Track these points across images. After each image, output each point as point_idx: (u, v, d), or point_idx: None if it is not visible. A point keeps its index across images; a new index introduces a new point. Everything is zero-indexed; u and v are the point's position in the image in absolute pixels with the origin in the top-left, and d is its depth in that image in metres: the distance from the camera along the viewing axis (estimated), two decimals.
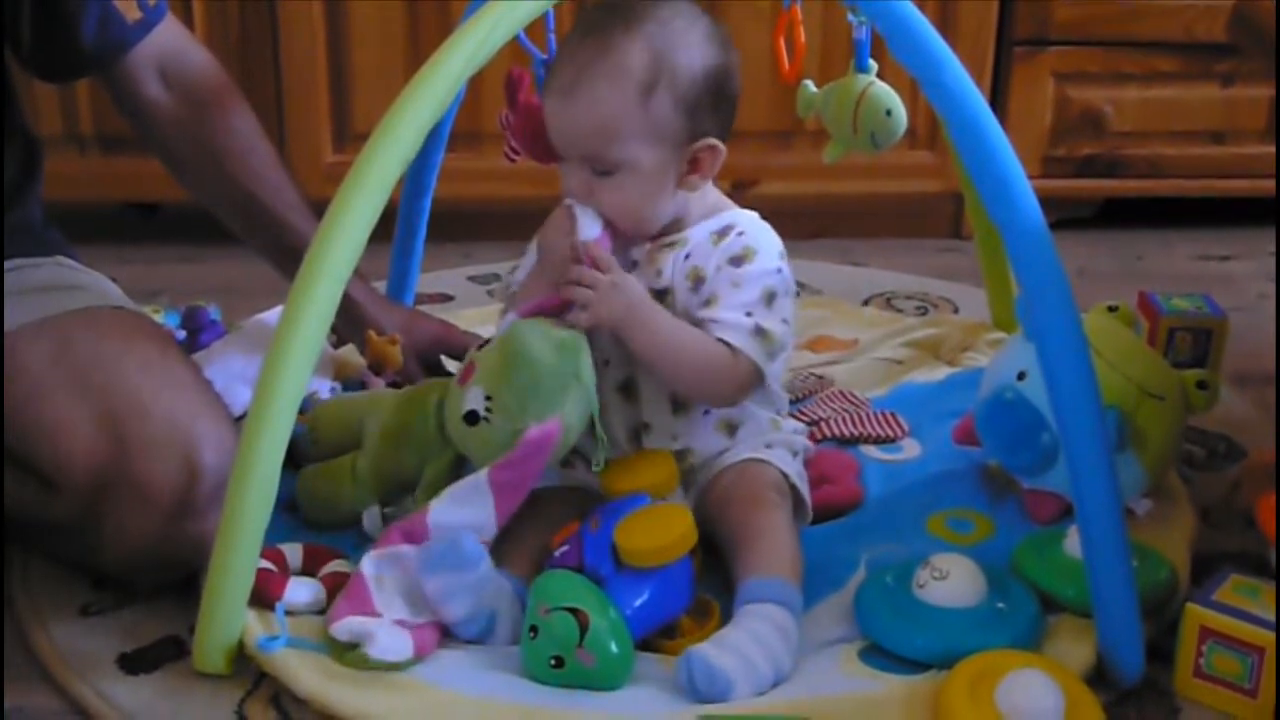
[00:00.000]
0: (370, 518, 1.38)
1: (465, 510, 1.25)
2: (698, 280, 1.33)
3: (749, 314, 1.30)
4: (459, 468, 1.33)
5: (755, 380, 1.32)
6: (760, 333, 1.30)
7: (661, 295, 1.33)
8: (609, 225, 1.31)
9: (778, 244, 1.35)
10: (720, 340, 1.30)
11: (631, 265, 1.34)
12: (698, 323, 1.31)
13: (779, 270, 1.33)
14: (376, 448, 1.39)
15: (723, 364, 1.30)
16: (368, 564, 1.23)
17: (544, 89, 1.32)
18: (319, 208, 1.22)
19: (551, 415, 1.24)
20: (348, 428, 1.44)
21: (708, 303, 1.32)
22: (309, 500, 1.42)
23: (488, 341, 1.30)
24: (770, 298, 1.32)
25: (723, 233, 1.34)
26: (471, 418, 1.26)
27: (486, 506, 1.24)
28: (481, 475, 1.25)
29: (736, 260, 1.32)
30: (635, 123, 1.27)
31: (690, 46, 1.29)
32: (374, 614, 1.19)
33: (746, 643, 1.16)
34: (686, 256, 1.34)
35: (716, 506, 1.34)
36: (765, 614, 1.19)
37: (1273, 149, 2.31)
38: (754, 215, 1.37)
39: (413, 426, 1.38)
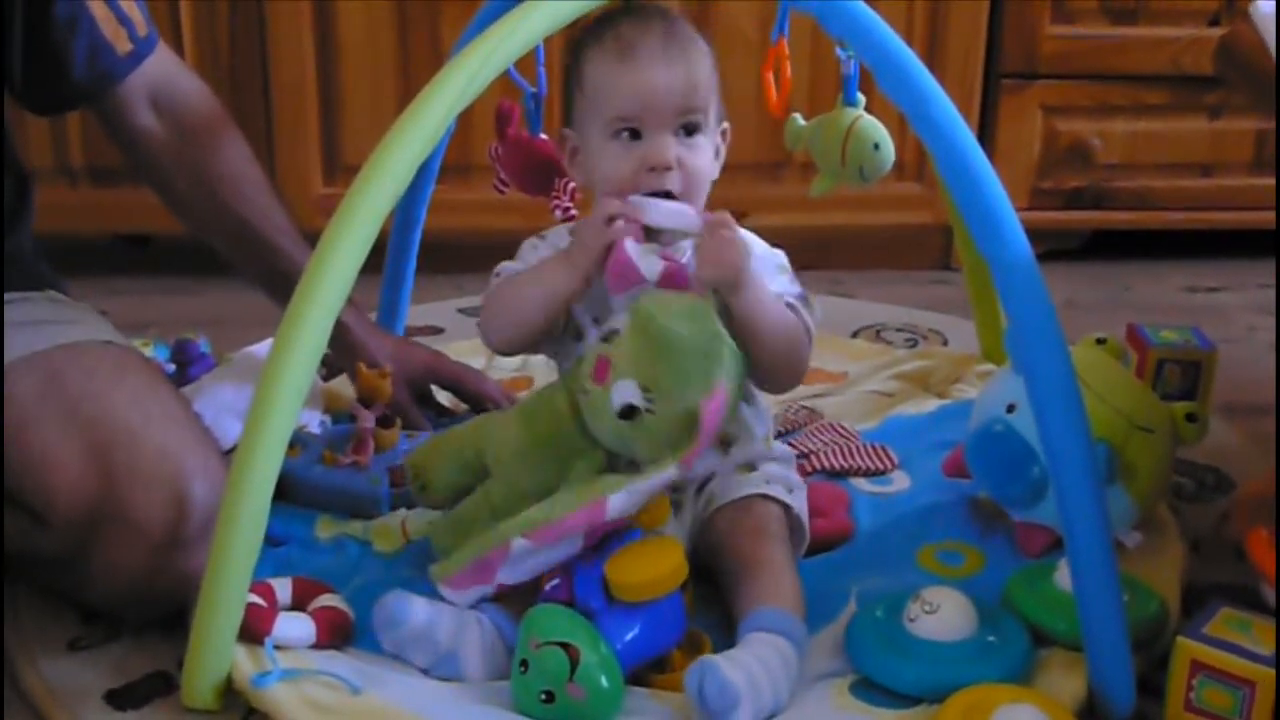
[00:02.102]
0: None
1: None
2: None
3: (786, 287, 1.35)
4: (609, 465, 1.30)
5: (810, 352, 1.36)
6: (807, 301, 1.36)
7: None
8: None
9: (753, 235, 1.39)
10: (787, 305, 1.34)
11: None
12: None
13: (778, 253, 1.38)
14: (513, 469, 1.33)
15: (800, 328, 1.34)
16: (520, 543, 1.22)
17: (610, 70, 1.33)
18: (309, 239, 1.22)
19: (715, 384, 1.22)
20: (460, 464, 1.39)
21: None
22: (459, 550, 1.31)
23: (611, 334, 1.27)
24: (784, 271, 1.37)
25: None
26: (629, 412, 1.23)
27: None
28: (670, 469, 1.21)
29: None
30: (712, 86, 1.34)
31: (700, 39, 1.37)
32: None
33: (755, 665, 1.16)
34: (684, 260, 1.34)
35: (718, 535, 1.34)
36: (772, 643, 1.19)
37: (1260, 181, 2.32)
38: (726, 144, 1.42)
39: (549, 436, 1.31)
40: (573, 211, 1.48)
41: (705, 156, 1.34)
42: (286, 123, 2.19)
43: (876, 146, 1.49)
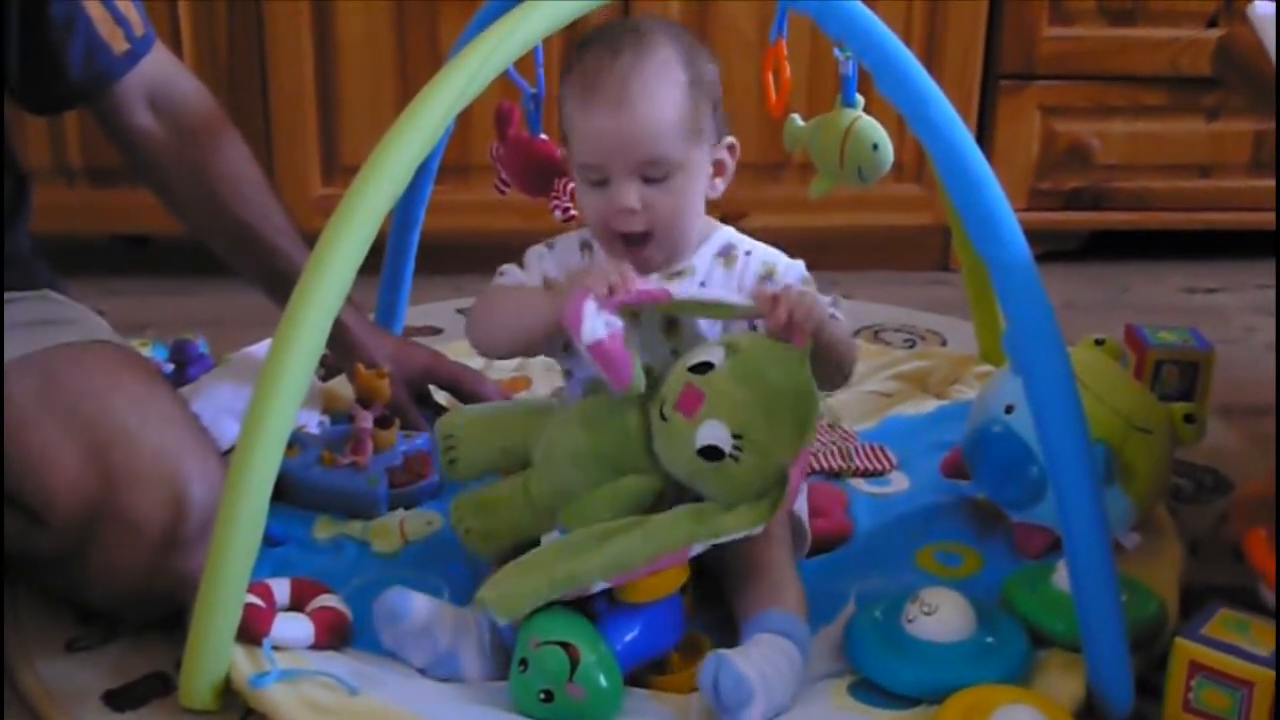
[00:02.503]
0: (549, 540, 1.27)
1: None
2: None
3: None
4: (670, 495, 1.26)
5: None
6: (837, 303, 1.34)
7: (674, 324, 1.33)
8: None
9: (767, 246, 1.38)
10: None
11: None
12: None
13: (797, 264, 1.37)
14: (564, 471, 1.28)
15: (850, 335, 1.33)
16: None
17: (574, 112, 1.29)
18: (307, 240, 1.22)
19: (804, 445, 1.21)
20: (500, 449, 1.34)
21: (773, 275, 1.33)
22: (479, 533, 1.32)
23: (705, 366, 1.22)
24: (809, 284, 1.35)
25: (726, 254, 1.36)
26: (713, 454, 1.19)
27: None
28: (756, 528, 1.19)
29: (765, 278, 1.34)
30: (687, 120, 1.28)
31: (698, 50, 1.32)
32: None
33: (766, 665, 1.16)
34: (701, 285, 1.34)
35: None
36: (778, 645, 1.19)
37: (1258, 182, 2.33)
38: (732, 230, 1.39)
39: (611, 449, 1.26)
40: (573, 212, 1.48)
41: (679, 196, 1.30)
42: (285, 123, 2.19)
43: (875, 147, 1.49)
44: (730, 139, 1.34)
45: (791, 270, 1.36)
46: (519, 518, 1.30)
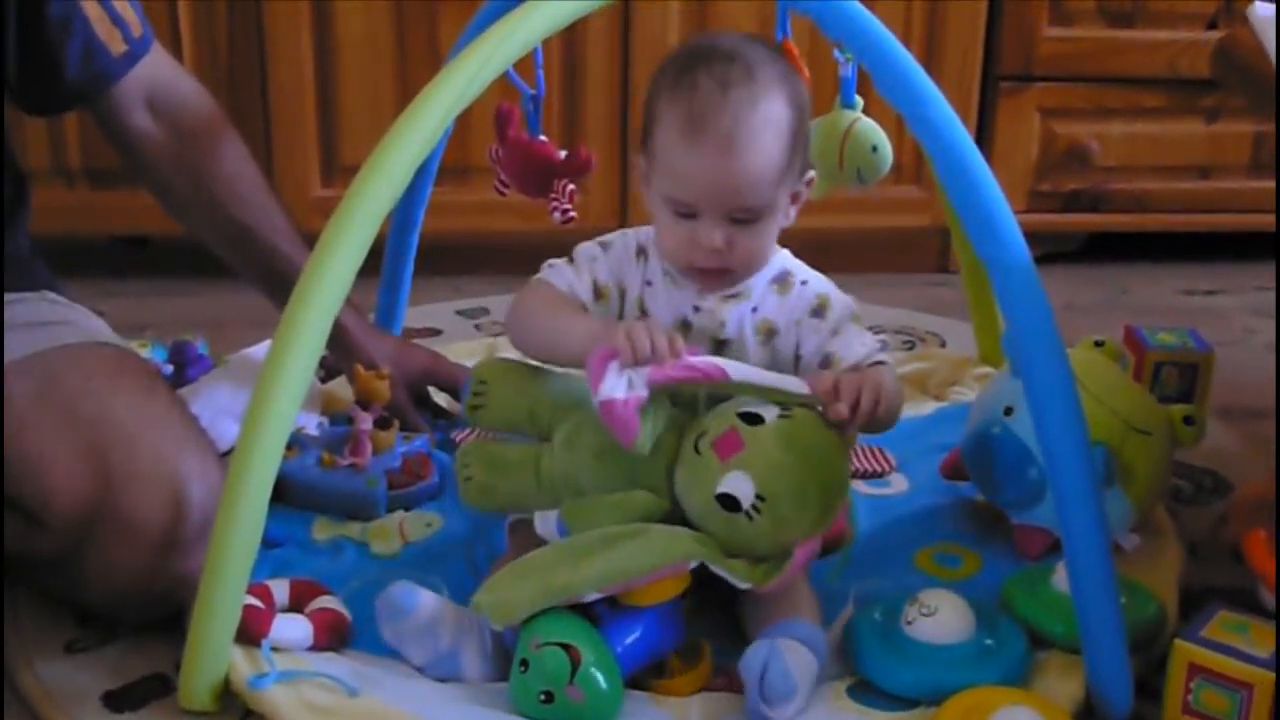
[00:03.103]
0: (544, 522, 1.27)
1: None
2: (770, 334, 1.34)
3: (863, 344, 1.33)
4: (670, 517, 1.25)
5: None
6: (882, 344, 1.35)
7: (723, 345, 1.33)
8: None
9: (822, 276, 1.38)
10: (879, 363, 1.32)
11: (694, 310, 1.33)
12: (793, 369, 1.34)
13: (848, 299, 1.36)
14: (581, 463, 1.26)
15: (891, 378, 1.31)
16: None
17: (673, 145, 1.26)
18: (307, 241, 1.22)
19: (818, 532, 1.20)
20: (529, 414, 1.30)
21: (827, 364, 1.32)
22: (481, 486, 1.31)
23: (755, 418, 1.21)
24: (857, 320, 1.35)
25: (782, 281, 1.35)
26: (730, 504, 1.19)
27: None
28: (745, 585, 1.20)
29: (818, 311, 1.34)
30: (785, 168, 1.27)
31: (796, 82, 1.30)
32: None
33: (803, 669, 1.17)
34: (754, 310, 1.34)
35: None
36: (804, 655, 1.19)
37: (1257, 184, 2.33)
38: (788, 255, 1.37)
39: (635, 459, 1.23)
40: (572, 213, 1.48)
41: (764, 236, 1.30)
42: (284, 124, 2.19)
43: (875, 149, 1.50)
44: (811, 173, 1.33)
45: (843, 307, 1.35)
46: (522, 487, 1.29)
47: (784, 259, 1.37)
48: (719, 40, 1.30)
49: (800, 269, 1.37)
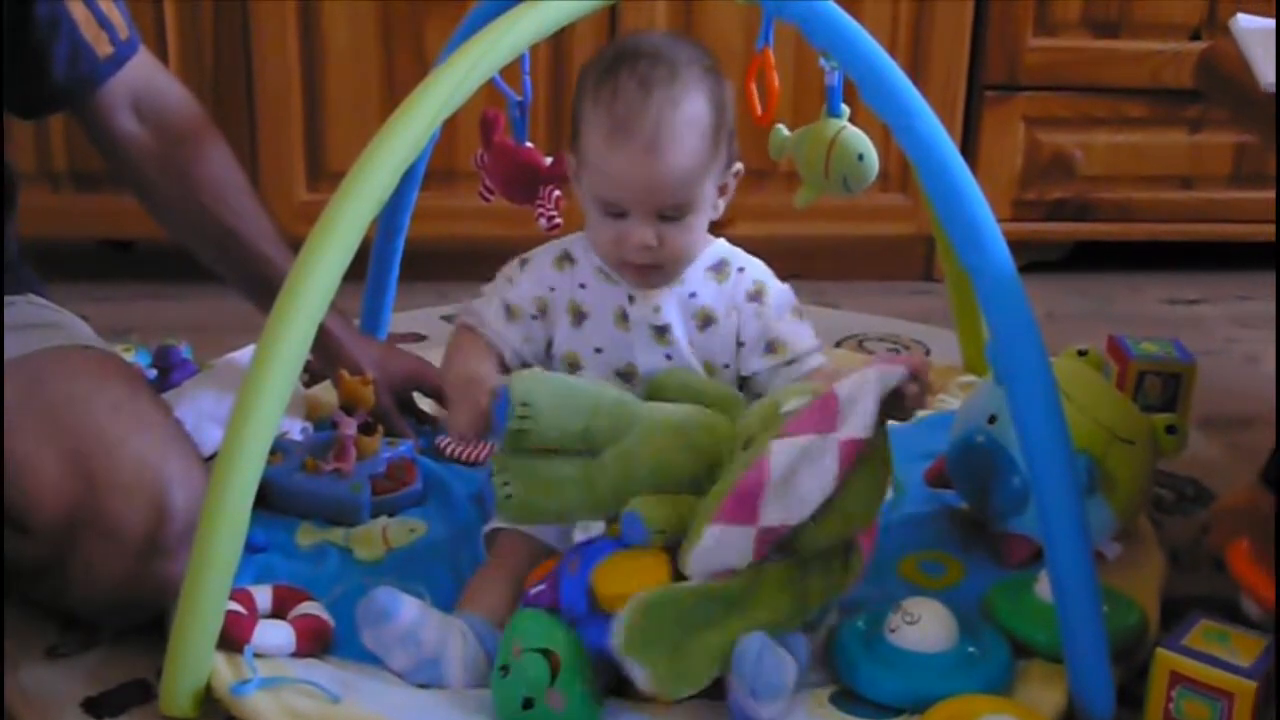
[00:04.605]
0: (587, 534, 1.28)
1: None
2: (707, 320, 1.37)
3: (809, 336, 1.38)
4: None
5: None
6: (818, 346, 1.39)
7: (662, 331, 1.36)
8: None
9: (761, 263, 1.40)
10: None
11: (629, 301, 1.37)
12: (746, 373, 1.38)
13: (786, 287, 1.39)
14: (641, 482, 1.23)
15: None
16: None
17: (598, 146, 1.29)
18: (292, 246, 1.22)
19: (876, 515, 1.24)
20: (574, 432, 1.23)
21: (773, 350, 1.36)
22: (523, 503, 1.24)
23: None
24: (798, 313, 1.38)
25: (719, 269, 1.38)
26: None
27: None
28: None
29: (755, 297, 1.37)
30: (709, 164, 1.31)
31: (718, 80, 1.33)
32: None
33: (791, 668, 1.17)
34: (692, 295, 1.37)
35: None
36: (785, 656, 1.18)
37: (1239, 194, 2.34)
38: (725, 243, 1.41)
39: (700, 474, 1.24)
40: (557, 220, 1.48)
41: (693, 231, 1.33)
42: (270, 128, 2.18)
43: (860, 157, 1.50)
44: (738, 165, 1.37)
45: (781, 294, 1.38)
46: (570, 503, 1.24)
47: (721, 248, 1.40)
48: (643, 40, 1.35)
49: (738, 256, 1.40)
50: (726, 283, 1.38)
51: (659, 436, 1.25)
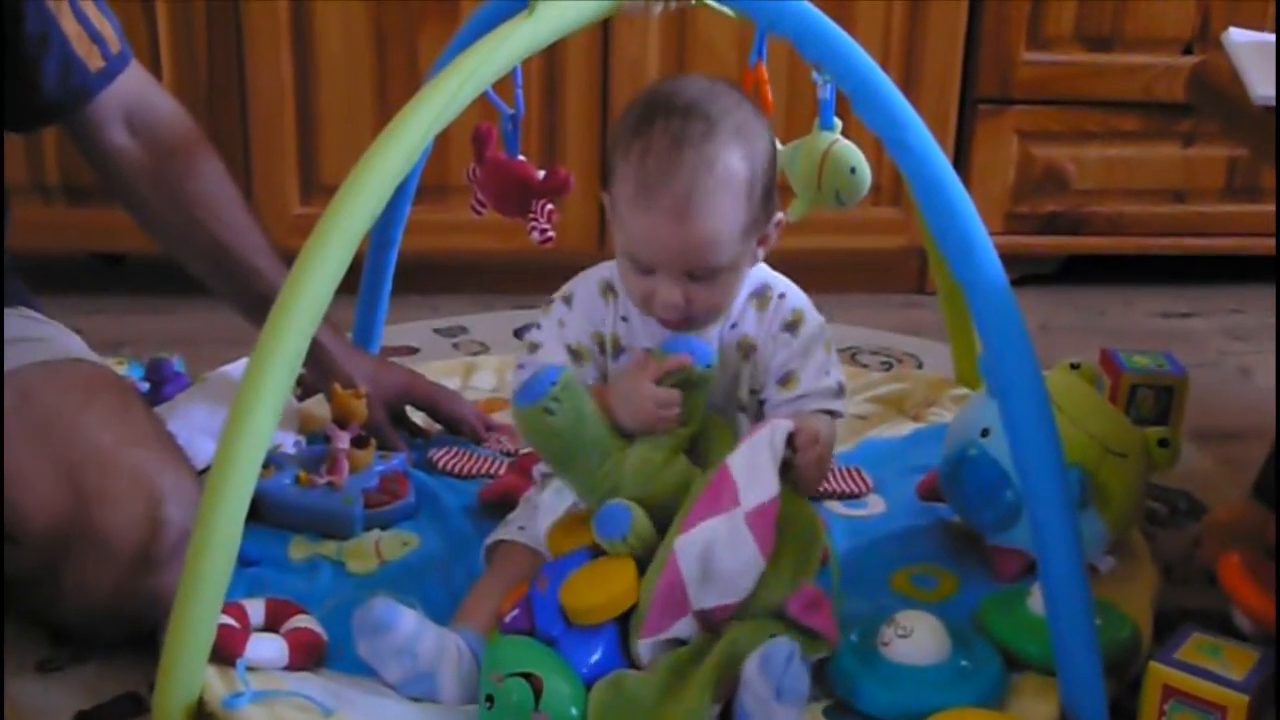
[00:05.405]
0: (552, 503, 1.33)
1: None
2: (749, 350, 1.35)
3: (828, 373, 1.35)
4: None
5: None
6: (841, 388, 1.35)
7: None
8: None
9: (801, 291, 1.38)
10: (823, 411, 1.33)
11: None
12: (757, 400, 1.36)
13: (821, 319, 1.37)
14: (645, 492, 1.26)
15: (833, 434, 1.34)
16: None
17: (628, 202, 1.25)
18: (285, 259, 1.22)
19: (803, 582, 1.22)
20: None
21: (787, 382, 1.34)
22: (553, 427, 1.25)
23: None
24: (828, 347, 1.36)
25: (760, 295, 1.36)
26: None
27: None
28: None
29: (791, 327, 1.35)
30: (743, 223, 1.26)
31: (759, 130, 1.28)
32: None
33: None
34: (733, 326, 1.35)
35: None
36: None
37: (1232, 207, 2.35)
38: (766, 269, 1.38)
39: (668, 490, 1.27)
40: (550, 233, 1.48)
41: (726, 288, 1.29)
42: (263, 142, 2.18)
43: (853, 171, 1.50)
44: (779, 216, 1.33)
45: (814, 326, 1.35)
46: (585, 465, 1.26)
47: (761, 272, 1.37)
48: (680, 88, 1.28)
49: (778, 282, 1.38)
50: (767, 310, 1.35)
51: (673, 479, 1.26)
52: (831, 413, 1.35)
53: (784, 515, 1.20)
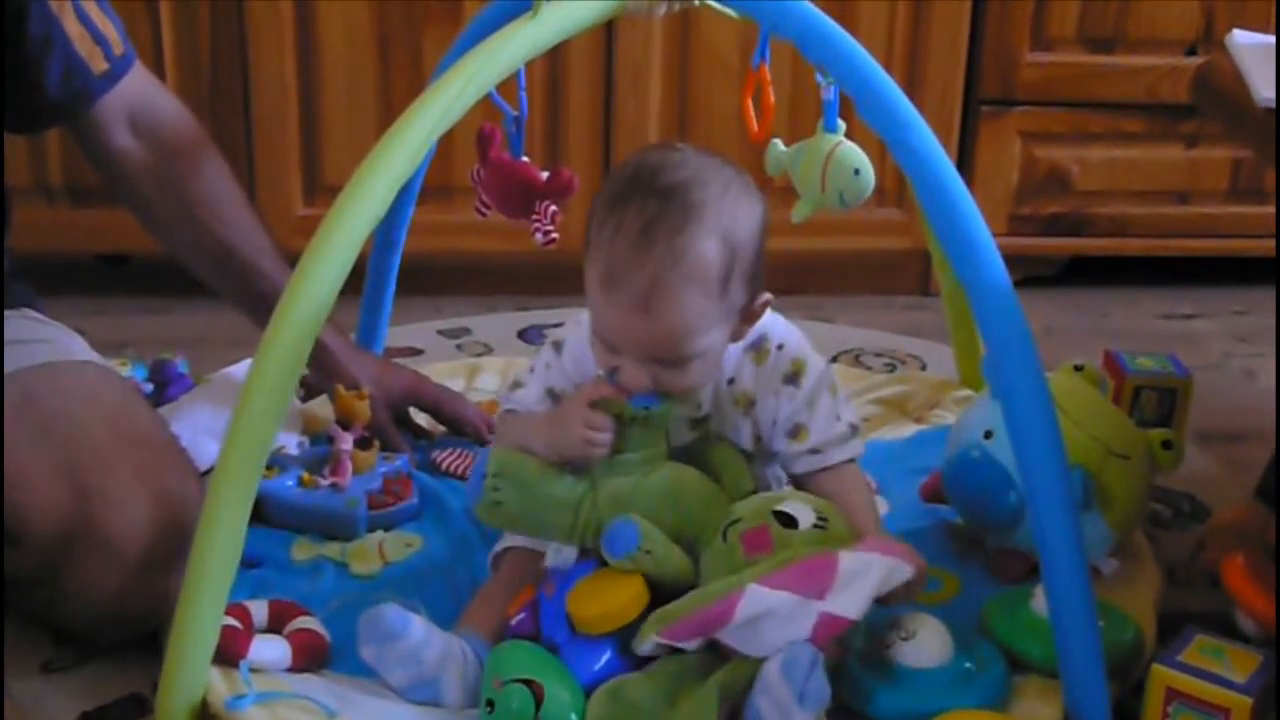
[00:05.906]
0: (560, 556, 1.28)
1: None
2: (748, 404, 1.33)
3: (838, 418, 1.33)
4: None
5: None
6: (853, 429, 1.34)
7: (700, 421, 1.33)
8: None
9: (799, 333, 1.35)
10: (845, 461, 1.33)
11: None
12: (766, 452, 1.34)
13: (823, 363, 1.34)
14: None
15: (863, 480, 1.34)
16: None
17: (595, 281, 1.21)
18: (289, 260, 1.22)
19: None
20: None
21: (797, 435, 1.32)
22: (507, 514, 1.25)
23: (791, 520, 1.21)
24: (834, 391, 1.34)
25: (758, 348, 1.33)
26: (788, 522, 1.21)
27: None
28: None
29: (792, 378, 1.32)
30: (714, 315, 1.21)
31: (745, 215, 1.24)
32: None
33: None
34: (730, 381, 1.32)
35: None
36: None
37: (1235, 209, 2.35)
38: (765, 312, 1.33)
39: (688, 531, 1.25)
40: (554, 235, 1.48)
41: (695, 375, 1.24)
42: (267, 143, 2.18)
43: (856, 172, 1.49)
44: (765, 296, 1.27)
45: (817, 374, 1.33)
46: (556, 526, 1.25)
47: (760, 322, 1.32)
48: (666, 166, 1.22)
49: (776, 330, 1.34)
50: (765, 363, 1.32)
51: (654, 494, 1.24)
52: (851, 459, 1.34)
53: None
